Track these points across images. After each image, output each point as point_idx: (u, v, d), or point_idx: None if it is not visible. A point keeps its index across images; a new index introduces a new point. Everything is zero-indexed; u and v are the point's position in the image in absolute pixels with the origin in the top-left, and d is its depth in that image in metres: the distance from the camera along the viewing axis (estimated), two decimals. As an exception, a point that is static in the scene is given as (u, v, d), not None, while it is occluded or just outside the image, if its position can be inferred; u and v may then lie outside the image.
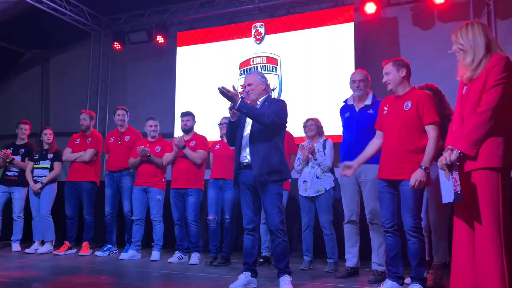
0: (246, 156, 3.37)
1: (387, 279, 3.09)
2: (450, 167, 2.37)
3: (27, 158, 5.72)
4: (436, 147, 2.88)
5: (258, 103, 3.47)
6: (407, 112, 3.00)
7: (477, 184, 2.32)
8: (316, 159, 4.23)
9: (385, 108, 3.17)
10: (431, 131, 2.92)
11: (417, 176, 2.81)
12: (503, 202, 2.28)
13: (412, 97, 3.04)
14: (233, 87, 3.27)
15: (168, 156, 4.88)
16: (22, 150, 5.76)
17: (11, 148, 5.75)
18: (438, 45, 5.69)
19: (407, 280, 3.08)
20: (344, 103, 4.00)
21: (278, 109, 3.36)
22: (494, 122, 2.29)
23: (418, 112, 2.97)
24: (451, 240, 2.52)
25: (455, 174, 2.34)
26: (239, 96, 3.26)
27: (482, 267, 2.28)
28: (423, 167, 2.83)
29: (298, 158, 4.39)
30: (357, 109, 3.82)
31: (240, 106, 3.22)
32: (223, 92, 3.20)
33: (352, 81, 3.84)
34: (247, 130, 3.40)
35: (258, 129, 3.31)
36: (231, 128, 3.48)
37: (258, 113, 3.25)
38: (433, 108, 2.97)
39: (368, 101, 3.79)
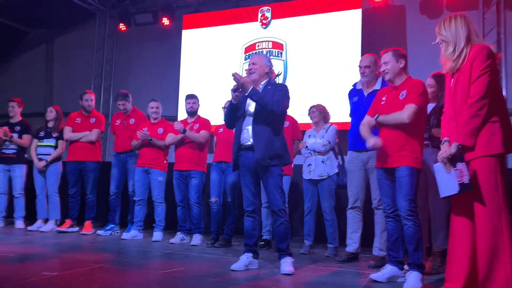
0: (248, 138, 3.38)
1: (387, 264, 3.12)
2: (451, 160, 2.41)
3: (29, 136, 5.73)
4: (398, 119, 2.95)
5: (261, 85, 3.48)
6: (402, 101, 3.02)
7: (477, 172, 2.38)
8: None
9: (383, 99, 3.18)
10: (407, 107, 2.95)
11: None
12: (503, 187, 2.35)
13: (407, 86, 3.07)
14: (247, 71, 3.32)
15: (170, 137, 4.89)
16: (17, 128, 5.75)
17: (7, 126, 5.75)
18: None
19: (406, 266, 3.11)
20: (352, 87, 3.98)
21: (283, 97, 3.38)
22: (486, 110, 2.36)
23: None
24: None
25: (460, 166, 2.37)
26: (251, 83, 3.28)
27: (484, 252, 2.32)
28: (376, 116, 3.06)
29: (306, 147, 4.39)
30: (365, 94, 3.80)
31: (251, 94, 3.25)
32: (236, 78, 3.23)
33: (359, 67, 3.84)
34: (250, 113, 3.41)
35: (261, 113, 3.33)
36: (232, 110, 3.48)
37: (268, 102, 3.27)
38: (418, 93, 2.99)
39: (377, 86, 3.75)
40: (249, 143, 3.37)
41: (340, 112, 5.30)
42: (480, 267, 2.35)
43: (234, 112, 3.49)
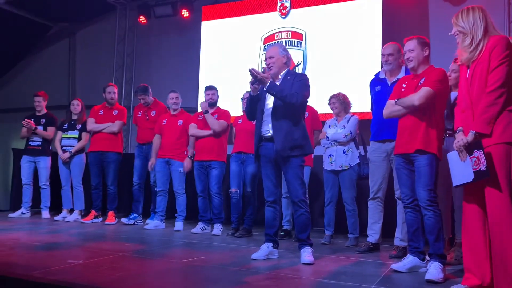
0: (268, 130, 3.39)
1: (408, 254, 3.10)
2: (468, 148, 2.42)
3: (53, 128, 5.87)
4: (410, 102, 2.96)
5: (280, 77, 3.47)
6: (420, 87, 2.99)
7: (492, 159, 2.37)
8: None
9: (404, 86, 3.16)
10: (420, 90, 2.93)
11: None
12: None
13: (427, 74, 3.03)
14: (264, 69, 3.32)
15: (194, 129, 4.92)
16: (43, 120, 5.90)
17: (32, 120, 5.90)
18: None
19: (428, 257, 3.08)
20: (375, 76, 3.93)
21: (303, 88, 3.38)
22: (504, 98, 2.37)
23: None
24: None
25: (477, 153, 2.37)
26: (269, 78, 3.27)
27: (497, 241, 2.31)
28: (396, 100, 3.07)
29: (327, 137, 4.37)
30: (389, 83, 3.74)
31: (269, 88, 3.26)
32: (253, 73, 3.23)
33: (382, 55, 3.79)
34: (269, 104, 3.42)
35: (281, 104, 3.33)
36: (252, 102, 3.49)
37: (286, 95, 3.26)
38: (434, 78, 2.96)
39: (401, 75, 3.69)
40: (269, 134, 3.38)
41: (361, 102, 5.24)
42: (494, 255, 2.34)
43: (254, 104, 3.49)
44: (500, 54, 2.38)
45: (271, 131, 3.37)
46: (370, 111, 4.00)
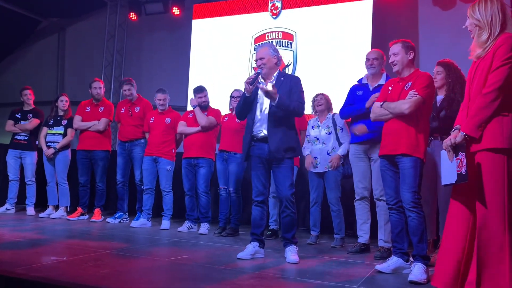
0: (261, 130, 3.41)
1: (392, 256, 3.12)
2: (455, 148, 2.36)
3: (38, 121, 5.82)
4: (399, 109, 2.95)
5: (273, 78, 3.48)
6: (407, 91, 3.02)
7: (481, 165, 2.28)
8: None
9: (389, 88, 3.19)
10: (409, 98, 2.94)
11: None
12: (509, 185, 2.22)
13: (413, 77, 3.06)
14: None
15: (183, 126, 4.91)
16: (30, 115, 5.84)
17: (19, 114, 5.84)
18: (458, 26, 5.49)
19: (412, 258, 3.11)
20: (358, 82, 4.01)
21: (303, 95, 3.48)
22: (500, 102, 2.24)
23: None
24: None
25: (461, 155, 2.32)
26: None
27: (481, 254, 2.21)
28: (382, 103, 3.09)
29: (308, 135, 4.40)
30: (371, 88, 3.83)
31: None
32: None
33: (367, 59, 3.86)
34: (265, 105, 3.43)
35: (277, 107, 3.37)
36: (246, 103, 3.47)
37: (293, 108, 3.36)
38: (423, 84, 2.96)
39: (382, 81, 3.78)
40: (262, 134, 3.40)
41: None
42: (473, 269, 2.23)
43: (248, 105, 3.48)
44: (504, 54, 2.24)
45: (264, 131, 3.39)
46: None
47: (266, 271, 2.99)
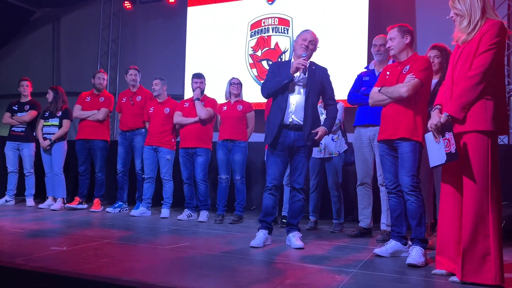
0: (293, 118, 3.40)
1: (390, 239, 3.15)
2: (440, 129, 2.44)
3: (35, 112, 5.79)
4: (397, 93, 2.96)
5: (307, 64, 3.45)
6: (405, 75, 3.02)
7: (467, 145, 2.40)
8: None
9: (387, 73, 3.19)
10: (407, 81, 2.94)
11: None
12: (492, 165, 2.35)
13: (411, 61, 3.06)
14: (321, 130, 3.44)
15: (179, 117, 4.91)
16: (27, 107, 5.82)
17: (16, 106, 5.82)
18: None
19: (410, 242, 3.14)
20: (365, 69, 4.03)
21: (333, 91, 3.61)
22: (484, 86, 2.35)
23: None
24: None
25: (448, 135, 2.40)
26: (326, 132, 3.48)
27: (468, 224, 2.36)
28: (380, 88, 3.11)
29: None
30: (377, 73, 3.81)
31: (329, 132, 3.53)
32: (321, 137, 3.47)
33: (374, 45, 3.88)
34: (301, 93, 3.43)
35: (312, 97, 3.43)
36: (284, 87, 3.41)
37: (334, 117, 3.59)
38: (420, 68, 2.97)
39: None
40: (295, 122, 3.40)
41: (346, 90, 5.24)
42: (463, 238, 2.38)
43: (284, 89, 3.43)
44: (490, 40, 2.35)
45: (296, 119, 3.39)
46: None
47: (266, 256, 3.01)
